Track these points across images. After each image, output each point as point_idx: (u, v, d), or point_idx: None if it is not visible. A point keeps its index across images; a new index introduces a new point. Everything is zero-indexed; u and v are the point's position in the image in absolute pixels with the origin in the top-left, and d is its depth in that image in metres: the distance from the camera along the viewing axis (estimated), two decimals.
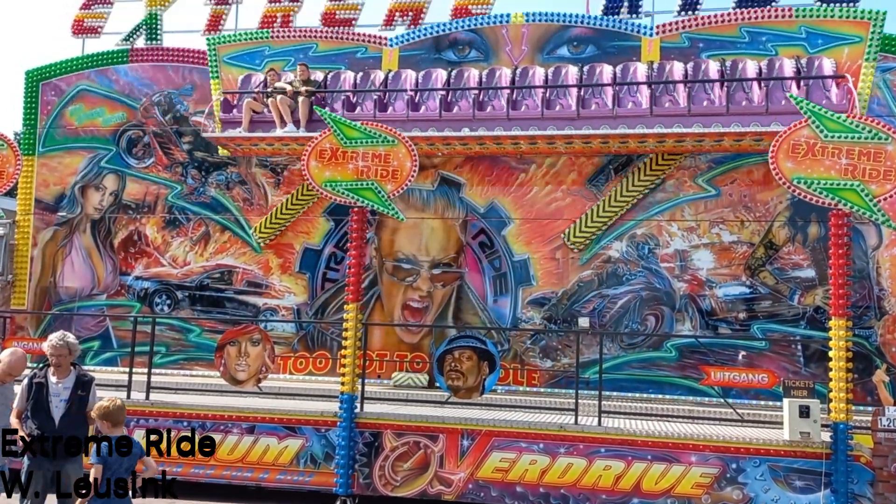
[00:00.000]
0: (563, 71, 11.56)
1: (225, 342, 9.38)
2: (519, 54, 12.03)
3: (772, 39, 11.33)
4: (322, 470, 8.64)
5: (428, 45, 12.35)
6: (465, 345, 8.88)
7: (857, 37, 10.90)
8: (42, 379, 6.07)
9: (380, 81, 11.96)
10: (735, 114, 10.54)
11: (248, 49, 12.85)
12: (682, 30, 11.63)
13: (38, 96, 13.81)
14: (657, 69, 11.27)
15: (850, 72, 10.62)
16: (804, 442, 7.81)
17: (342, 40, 12.66)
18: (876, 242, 10.99)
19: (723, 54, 11.37)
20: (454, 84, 11.67)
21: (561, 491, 8.17)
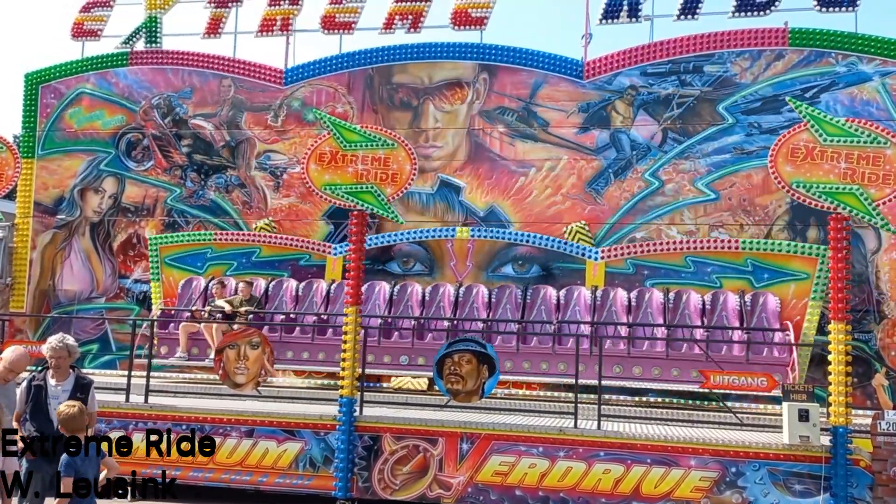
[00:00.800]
0: (506, 291, 11.24)
1: (224, 345, 9.37)
2: (463, 270, 11.81)
3: (717, 271, 11.01)
4: (321, 473, 8.62)
5: (372, 256, 11.64)
6: (464, 348, 8.86)
7: (805, 273, 10.65)
8: (41, 382, 6.08)
9: (322, 293, 11.59)
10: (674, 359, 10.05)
11: (188, 251, 12.48)
12: (627, 256, 11.27)
13: (37, 99, 13.81)
14: (601, 295, 10.92)
15: (796, 308, 10.43)
16: (803, 446, 7.80)
17: (286, 247, 12.26)
18: (875, 246, 11.00)
19: (667, 283, 11.04)
20: (397, 298, 11.32)
21: (560, 494, 8.15)
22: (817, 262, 10.51)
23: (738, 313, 10.46)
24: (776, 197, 11.17)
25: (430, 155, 12.31)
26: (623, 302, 10.83)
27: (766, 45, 11.58)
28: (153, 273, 12.45)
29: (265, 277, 12.04)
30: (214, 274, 12.15)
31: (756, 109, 11.52)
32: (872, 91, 11.19)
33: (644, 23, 12.21)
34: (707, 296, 10.73)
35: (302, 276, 11.97)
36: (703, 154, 11.59)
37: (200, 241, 12.51)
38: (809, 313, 10.44)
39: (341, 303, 10.94)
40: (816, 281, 10.47)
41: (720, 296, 10.77)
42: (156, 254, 12.41)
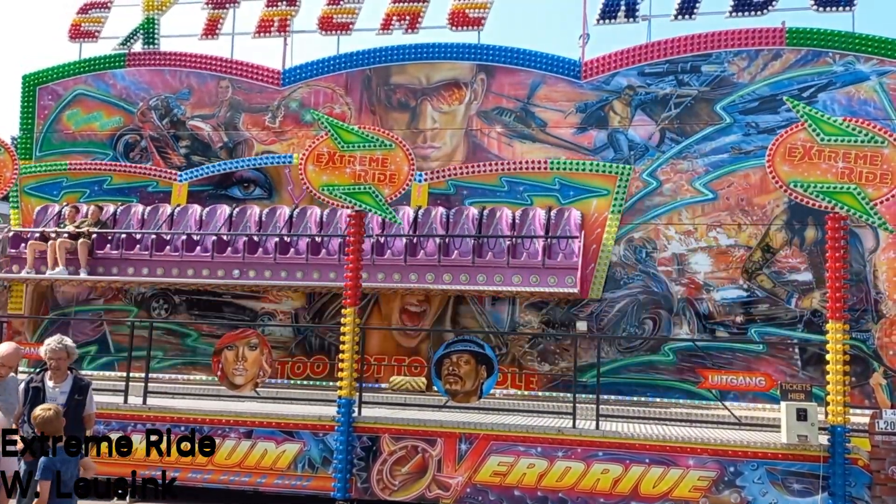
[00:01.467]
0: (339, 213, 11.78)
1: (222, 346, 9.37)
2: (299, 194, 12.42)
3: (528, 189, 11.89)
4: (320, 474, 8.63)
5: (216, 182, 12.86)
6: (463, 349, 8.87)
7: (605, 189, 11.61)
8: (39, 383, 6.09)
9: (166, 216, 12.46)
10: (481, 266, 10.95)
11: (47, 181, 13.33)
12: (449, 177, 12.10)
13: (35, 101, 13.79)
14: (423, 214, 11.76)
15: (597, 222, 11.52)
16: (802, 445, 7.81)
17: (135, 174, 13.12)
18: (873, 246, 11.01)
19: (483, 202, 11.93)
20: (237, 220, 12.21)
21: (559, 494, 8.16)
22: (616, 179, 11.55)
23: (543, 226, 11.45)
24: (774, 197, 11.18)
25: (429, 155, 12.31)
26: (442, 219, 11.69)
27: (764, 45, 11.59)
28: (13, 202, 13.40)
29: (115, 203, 12.83)
30: (69, 201, 12.96)
31: (753, 109, 11.53)
32: (870, 90, 11.20)
33: (641, 23, 12.21)
34: (518, 212, 11.62)
35: (149, 202, 12.83)
36: (701, 154, 11.60)
37: (56, 171, 13.36)
38: (609, 225, 11.45)
39: (184, 224, 12.38)
40: (615, 197, 11.49)
41: (530, 211, 11.64)
42: (16, 183, 12.94)
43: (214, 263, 11.63)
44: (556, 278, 10.76)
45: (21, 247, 12.19)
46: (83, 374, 6.42)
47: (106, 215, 12.52)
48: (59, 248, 11.74)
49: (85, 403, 6.11)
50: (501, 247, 11.15)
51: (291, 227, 12.02)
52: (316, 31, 13.12)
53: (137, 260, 11.85)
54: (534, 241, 11.18)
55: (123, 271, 11.86)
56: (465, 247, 11.27)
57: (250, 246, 11.66)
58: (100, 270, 11.87)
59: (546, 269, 10.80)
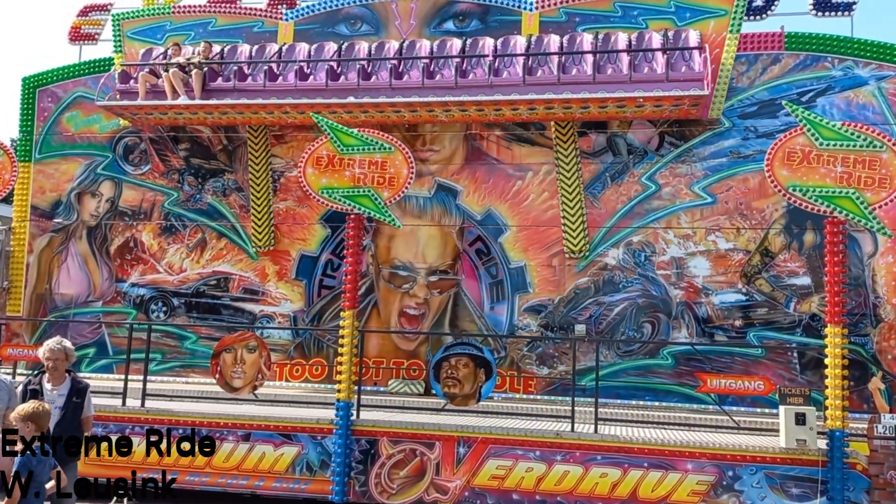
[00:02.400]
0: (448, 44, 11.99)
1: (221, 349, 9.36)
2: (407, 28, 12.52)
3: (643, 13, 11.82)
4: (318, 477, 8.62)
5: (322, 20, 12.78)
6: (461, 352, 8.87)
7: (723, 10, 11.43)
8: (37, 386, 6.07)
9: (273, 53, 12.39)
10: (602, 82, 10.95)
11: (150, 24, 13.39)
12: (560, 5, 12.09)
13: (34, 103, 13.80)
14: (535, 41, 11.72)
15: (715, 43, 11.26)
16: (800, 449, 7.81)
17: (240, 15, 13.12)
18: (871, 250, 11.02)
19: (597, 27, 11.83)
20: (345, 56, 12.09)
21: (557, 498, 8.16)
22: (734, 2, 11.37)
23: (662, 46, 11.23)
24: (773, 201, 11.19)
25: (428, 159, 12.32)
26: (556, 46, 11.60)
27: (763, 50, 11.61)
28: (115, 47, 13.40)
29: (221, 44, 12.76)
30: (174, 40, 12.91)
31: (753, 113, 11.54)
32: (868, 95, 11.22)
33: None
34: (634, 35, 11.55)
35: (255, 42, 12.74)
36: (700, 158, 11.60)
37: (160, 15, 13.41)
38: (727, 45, 11.31)
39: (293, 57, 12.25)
40: (734, 16, 11.35)
41: (646, 34, 11.52)
42: (118, 29, 13.39)
43: (328, 91, 11.63)
44: (681, 89, 10.63)
45: (130, 82, 12.38)
46: (81, 376, 6.39)
47: (213, 54, 12.48)
48: (175, 77, 11.87)
49: (83, 406, 6.10)
50: (621, 67, 11.09)
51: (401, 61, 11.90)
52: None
53: (251, 90, 11.86)
54: (653, 61, 11.06)
55: (237, 101, 11.84)
56: (585, 67, 11.20)
57: (363, 75, 11.68)
58: (212, 101, 11.91)
59: (670, 82, 10.67)
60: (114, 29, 13.40)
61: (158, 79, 12.24)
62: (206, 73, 11.99)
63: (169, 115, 12.30)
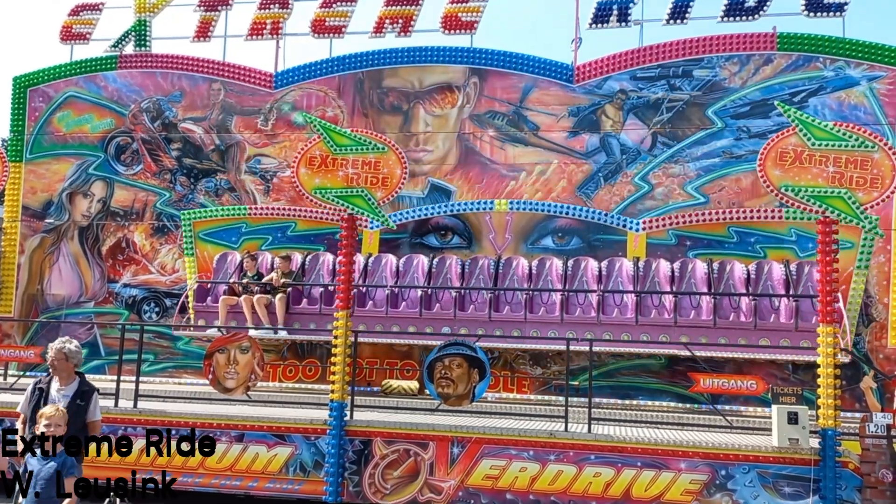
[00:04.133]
0: (548, 263, 11.22)
1: (214, 350, 9.33)
2: (503, 243, 11.80)
3: (761, 241, 11.04)
4: (311, 478, 8.60)
5: (410, 229, 11.97)
6: (455, 352, 8.86)
7: (850, 242, 10.31)
8: (44, 385, 6.18)
9: (360, 266, 11.27)
10: (721, 328, 10.06)
11: (223, 226, 12.55)
12: (670, 227, 11.36)
13: (25, 102, 13.74)
14: (644, 266, 10.93)
15: (842, 278, 10.10)
16: (793, 448, 7.83)
17: (321, 221, 11.92)
18: None
19: (710, 254, 11.10)
20: (436, 271, 11.21)
21: (551, 498, 8.16)
22: (861, 231, 10.22)
23: (783, 283, 10.38)
24: (765, 201, 11.21)
25: (421, 159, 12.31)
26: (666, 273, 10.79)
27: (755, 50, 11.65)
28: (187, 248, 12.49)
29: (301, 251, 11.95)
30: (249, 248, 12.10)
31: (745, 114, 11.58)
32: (860, 95, 11.26)
33: (633, 27, 12.26)
34: (752, 266, 10.71)
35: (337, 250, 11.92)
36: (693, 158, 11.64)
37: (235, 216, 12.54)
38: (854, 282, 10.54)
39: (378, 276, 11.27)
40: (861, 251, 10.40)
41: (764, 266, 10.70)
42: (189, 229, 12.50)
43: (422, 320, 10.72)
44: (809, 341, 9.17)
45: (208, 300, 11.38)
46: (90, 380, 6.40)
47: (294, 265, 11.61)
48: (259, 305, 10.77)
49: (87, 409, 6.15)
50: (736, 304, 10.19)
51: (497, 279, 11.10)
52: (308, 33, 13.12)
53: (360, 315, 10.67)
54: (773, 300, 10.16)
55: (322, 327, 10.67)
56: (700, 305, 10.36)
57: (459, 302, 10.80)
58: (296, 326, 10.90)
59: (798, 333, 9.77)
60: (185, 228, 12.52)
61: (238, 297, 11.05)
62: (289, 296, 10.91)
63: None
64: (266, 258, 11.81)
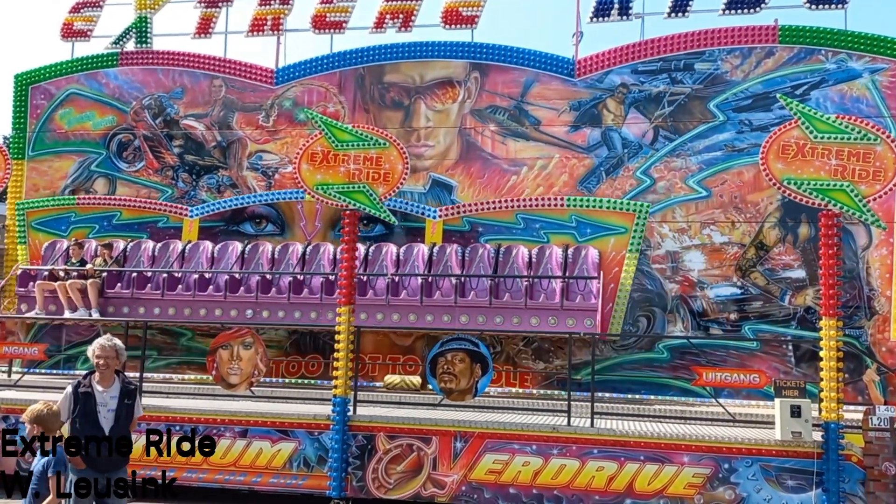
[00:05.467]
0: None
1: (217, 346, 9.35)
2: (312, 230, 12.47)
3: (545, 227, 11.78)
4: (315, 473, 8.62)
5: (227, 217, 12.73)
6: (457, 347, 8.87)
7: (623, 227, 11.50)
8: (88, 388, 5.85)
9: (178, 252, 12.19)
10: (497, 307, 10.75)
11: (55, 215, 13.18)
12: (464, 214, 12.03)
13: (27, 100, 13.74)
14: (438, 251, 11.60)
15: (615, 261, 11.42)
16: (796, 441, 7.84)
17: (145, 210, 12.95)
18: (866, 242, 11.05)
19: (499, 239, 11.80)
20: (249, 256, 11.98)
21: (554, 492, 8.17)
22: (634, 217, 11.44)
23: (560, 264, 11.22)
24: (767, 194, 11.22)
25: (422, 154, 12.31)
26: (457, 257, 11.55)
27: (757, 43, 11.62)
28: (20, 237, 13.21)
29: (125, 239, 12.63)
30: (77, 236, 12.70)
31: (747, 107, 11.56)
32: (862, 88, 11.24)
33: (635, 21, 12.22)
34: (535, 250, 11.48)
35: (160, 238, 12.60)
36: (695, 152, 11.62)
37: (65, 206, 13.24)
38: (626, 264, 11.35)
39: (195, 261, 12.13)
40: (633, 235, 11.41)
41: (546, 250, 11.47)
42: (23, 218, 13.20)
43: (227, 303, 11.35)
44: (575, 320, 10.48)
45: (30, 285, 11.90)
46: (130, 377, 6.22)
47: (116, 252, 12.23)
48: (72, 289, 11.43)
49: (133, 409, 5.97)
50: (518, 287, 10.96)
51: (304, 264, 11.75)
52: (309, 29, 13.10)
53: (149, 299, 11.57)
54: (551, 281, 10.96)
55: (135, 311, 11.52)
56: (482, 286, 11.01)
57: (263, 285, 11.44)
58: (110, 310, 11.59)
59: (564, 311, 10.58)
60: (18, 218, 13.18)
61: (55, 281, 11.71)
62: (103, 280, 11.64)
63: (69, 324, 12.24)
64: (91, 245, 12.43)
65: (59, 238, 12.88)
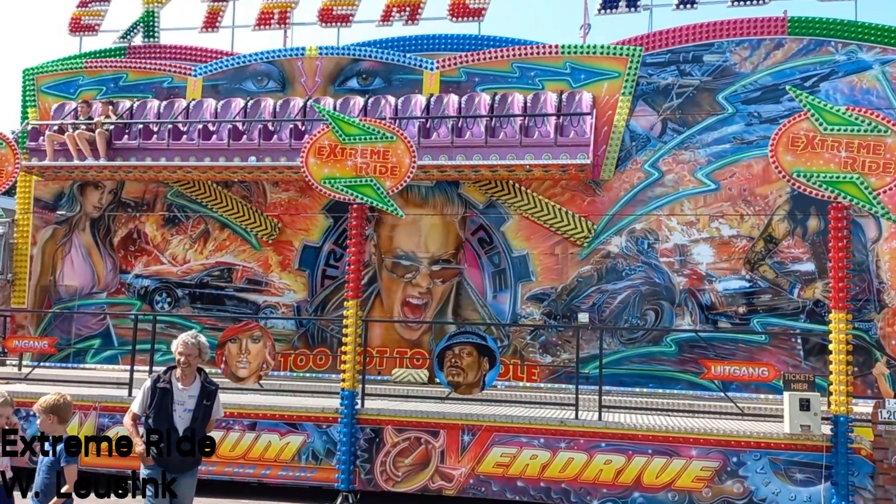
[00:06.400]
0: (351, 102, 12.02)
1: (226, 339, 9.40)
2: (312, 85, 12.60)
3: (539, 74, 11.94)
4: (324, 466, 8.66)
5: (230, 76, 12.92)
6: (465, 341, 8.89)
7: (616, 72, 11.67)
8: (167, 384, 5.62)
9: (182, 109, 12.48)
10: (493, 146, 11.06)
11: (63, 79, 13.49)
12: (461, 65, 12.16)
13: (35, 94, 13.78)
14: (435, 101, 11.79)
15: (608, 105, 11.58)
16: (805, 435, 7.82)
17: (150, 70, 13.21)
18: (875, 235, 11.00)
19: (496, 88, 11.93)
20: (251, 114, 12.19)
21: (562, 485, 8.18)
22: (627, 61, 11.62)
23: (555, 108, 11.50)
24: (776, 186, 11.16)
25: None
26: (454, 106, 11.73)
27: (766, 34, 11.55)
28: (29, 101, 13.50)
29: (131, 99, 12.93)
30: (85, 98, 12.99)
31: (756, 99, 11.49)
32: (872, 79, 11.16)
33: (643, 13, 12.18)
34: (530, 96, 11.71)
35: (165, 98, 12.89)
36: (703, 144, 11.56)
37: (73, 70, 13.54)
38: (620, 107, 11.57)
39: (199, 117, 12.35)
40: (626, 79, 11.60)
41: (541, 95, 11.71)
42: (32, 82, 13.53)
43: (231, 150, 11.73)
44: (569, 154, 10.88)
45: (40, 140, 12.41)
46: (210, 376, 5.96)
47: (122, 110, 12.65)
48: (80, 139, 11.98)
49: (212, 410, 5.75)
50: (514, 129, 11.21)
51: (305, 116, 12.00)
52: (316, 23, 13.10)
53: (155, 149, 11.93)
54: (546, 123, 11.21)
55: (141, 160, 12.01)
56: (478, 129, 11.28)
57: (266, 135, 11.79)
58: (118, 160, 12.08)
59: (558, 147, 10.92)
60: (26, 83, 13.45)
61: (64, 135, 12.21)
62: (110, 132, 12.05)
63: (76, 172, 12.53)
64: (97, 106, 12.74)
65: (68, 101, 13.22)
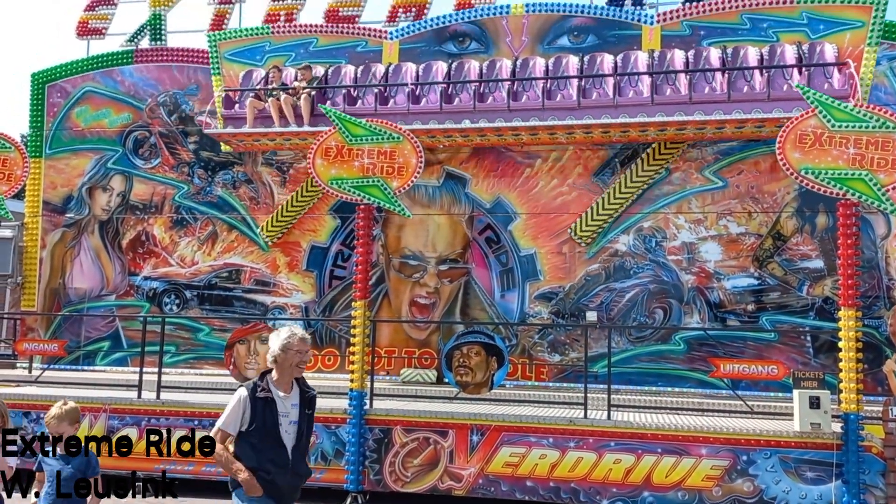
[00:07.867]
0: (564, 61, 11.51)
1: (234, 341, 9.43)
2: (519, 45, 11.99)
3: (773, 26, 11.17)
4: (332, 466, 8.67)
5: (428, 38, 12.28)
6: (473, 340, 8.89)
7: (860, 21, 10.74)
8: (268, 393, 4.54)
9: (380, 75, 11.88)
10: (737, 101, 10.42)
11: (248, 45, 12.87)
12: (683, 18, 11.48)
13: (44, 98, 13.85)
14: (658, 58, 11.18)
15: (851, 57, 10.51)
16: (815, 433, 7.79)
17: (342, 34, 12.65)
18: (885, 232, 10.94)
19: (724, 41, 11.22)
20: (454, 76, 11.57)
21: (571, 485, 8.17)
22: (872, 9, 10.65)
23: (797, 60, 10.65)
24: (784, 184, 11.11)
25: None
26: (681, 61, 10.97)
27: None
28: (213, 69, 12.86)
29: (323, 65, 12.28)
30: (274, 64, 12.38)
31: None
32: (880, 75, 11.08)
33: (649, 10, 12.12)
34: (765, 49, 10.88)
35: (359, 63, 12.24)
36: (711, 141, 11.52)
37: (259, 35, 12.91)
38: (865, 59, 10.54)
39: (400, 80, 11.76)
40: (871, 28, 10.60)
41: (777, 48, 10.86)
42: (216, 50, 12.87)
43: (442, 114, 11.19)
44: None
45: (235, 107, 12.03)
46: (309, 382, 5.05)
47: (317, 72, 12.14)
48: (286, 104, 11.43)
49: (312, 420, 4.81)
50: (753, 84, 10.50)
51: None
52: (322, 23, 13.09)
53: (363, 114, 10.76)
54: (791, 77, 10.37)
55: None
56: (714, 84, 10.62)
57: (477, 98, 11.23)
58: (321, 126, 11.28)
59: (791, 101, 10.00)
60: (211, 50, 12.84)
61: (265, 103, 11.72)
62: (314, 98, 11.51)
63: (277, 140, 11.87)
64: (289, 72, 12.21)
65: (255, 67, 12.64)
